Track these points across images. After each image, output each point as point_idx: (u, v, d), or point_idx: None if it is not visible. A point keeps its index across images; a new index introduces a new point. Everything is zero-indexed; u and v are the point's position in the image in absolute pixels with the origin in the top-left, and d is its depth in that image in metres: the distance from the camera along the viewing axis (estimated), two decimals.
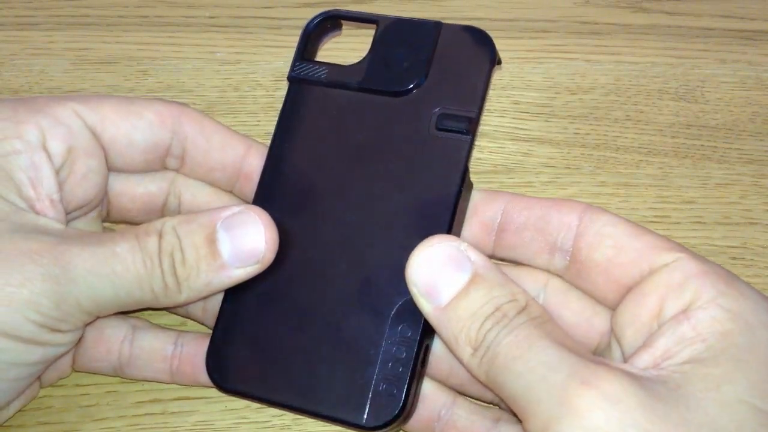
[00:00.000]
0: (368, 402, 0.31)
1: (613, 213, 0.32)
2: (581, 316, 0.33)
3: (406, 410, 0.32)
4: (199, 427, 0.35)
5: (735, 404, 0.26)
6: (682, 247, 0.30)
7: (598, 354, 0.32)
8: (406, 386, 0.31)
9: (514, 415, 0.28)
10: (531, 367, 0.27)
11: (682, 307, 0.28)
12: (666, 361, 0.27)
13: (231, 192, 0.37)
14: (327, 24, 0.38)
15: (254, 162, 0.36)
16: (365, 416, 0.31)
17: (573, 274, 0.32)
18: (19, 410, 0.34)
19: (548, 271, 0.33)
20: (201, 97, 0.44)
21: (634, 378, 0.26)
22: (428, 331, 0.32)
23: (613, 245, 0.31)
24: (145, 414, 0.35)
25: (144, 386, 0.35)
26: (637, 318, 0.30)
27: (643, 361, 0.28)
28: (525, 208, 0.33)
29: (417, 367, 0.32)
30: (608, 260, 0.31)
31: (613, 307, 0.31)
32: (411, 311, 0.31)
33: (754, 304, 0.28)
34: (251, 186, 0.36)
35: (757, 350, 0.27)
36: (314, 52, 0.38)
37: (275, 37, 0.46)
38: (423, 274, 0.30)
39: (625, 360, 0.30)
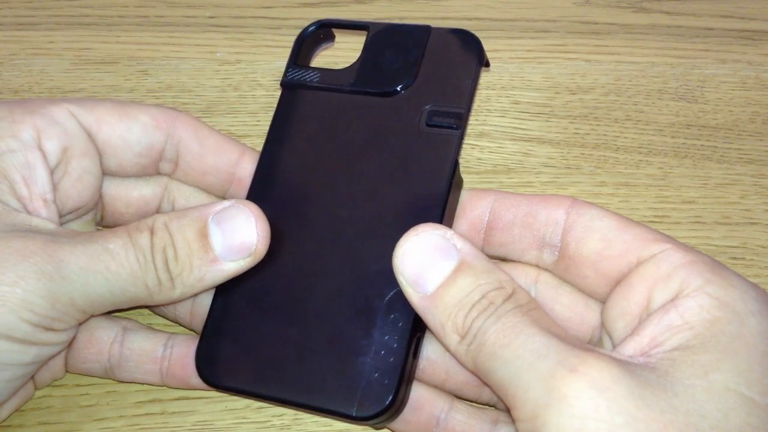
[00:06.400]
0: (359, 393, 0.31)
1: (599, 206, 0.32)
2: (573, 311, 0.33)
3: (397, 403, 0.31)
4: (199, 427, 0.35)
5: (723, 392, 0.26)
6: (669, 238, 0.30)
7: None
8: (398, 376, 0.31)
9: (509, 412, 0.28)
10: (519, 355, 0.27)
11: (670, 297, 0.28)
12: (654, 348, 0.27)
13: (224, 197, 0.37)
14: (320, 33, 0.39)
15: (247, 167, 0.36)
16: (356, 407, 0.31)
17: (562, 268, 0.33)
18: (16, 411, 0.34)
19: (538, 266, 0.34)
20: (201, 97, 0.44)
21: (623, 365, 0.26)
22: (419, 321, 0.32)
23: (601, 239, 0.31)
24: (145, 414, 0.35)
25: (144, 386, 0.35)
26: (627, 310, 0.30)
27: (630, 349, 0.28)
28: (512, 205, 0.33)
29: (408, 357, 0.32)
30: (597, 254, 0.31)
31: (603, 300, 0.31)
32: (402, 302, 0.31)
33: (742, 293, 0.28)
34: (244, 191, 0.36)
35: (745, 338, 0.27)
36: (308, 60, 0.39)
37: (275, 37, 0.46)
38: (409, 263, 0.30)
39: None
